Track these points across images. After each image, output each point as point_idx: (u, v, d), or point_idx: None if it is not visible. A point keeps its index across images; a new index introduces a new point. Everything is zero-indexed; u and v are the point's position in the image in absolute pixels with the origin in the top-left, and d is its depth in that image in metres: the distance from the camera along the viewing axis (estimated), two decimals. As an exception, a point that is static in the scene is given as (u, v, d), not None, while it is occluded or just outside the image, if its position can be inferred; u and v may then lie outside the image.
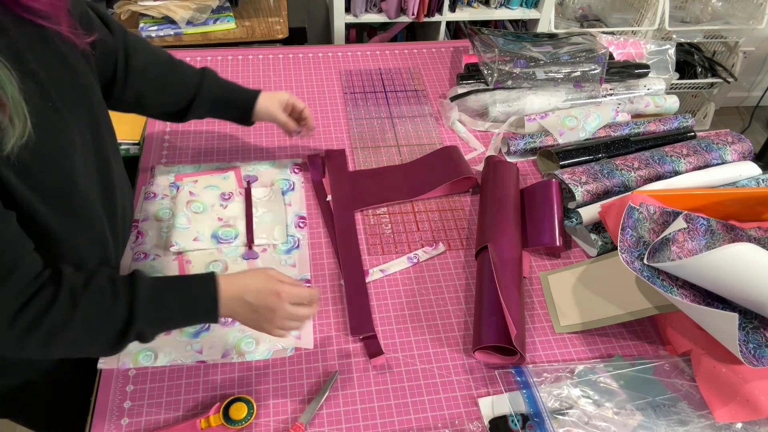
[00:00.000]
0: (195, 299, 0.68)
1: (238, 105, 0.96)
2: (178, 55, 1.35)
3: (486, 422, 0.75)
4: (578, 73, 1.20)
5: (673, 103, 1.23)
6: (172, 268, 0.89)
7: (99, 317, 0.62)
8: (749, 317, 0.75)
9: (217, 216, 0.97)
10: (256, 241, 0.94)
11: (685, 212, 0.84)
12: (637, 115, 1.22)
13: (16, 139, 0.54)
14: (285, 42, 1.76)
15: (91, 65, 0.73)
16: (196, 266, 0.90)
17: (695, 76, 2.29)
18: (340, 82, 1.32)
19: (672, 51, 1.34)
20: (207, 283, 0.68)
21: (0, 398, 0.83)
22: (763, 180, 1.00)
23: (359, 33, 2.22)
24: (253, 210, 0.99)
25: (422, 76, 1.36)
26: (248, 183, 1.04)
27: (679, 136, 1.14)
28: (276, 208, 0.99)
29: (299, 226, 0.98)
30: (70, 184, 0.65)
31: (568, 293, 0.89)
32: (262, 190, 1.03)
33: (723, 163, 1.04)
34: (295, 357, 0.81)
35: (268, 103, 0.96)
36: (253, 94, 0.96)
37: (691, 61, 2.29)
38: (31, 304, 0.58)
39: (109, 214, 0.76)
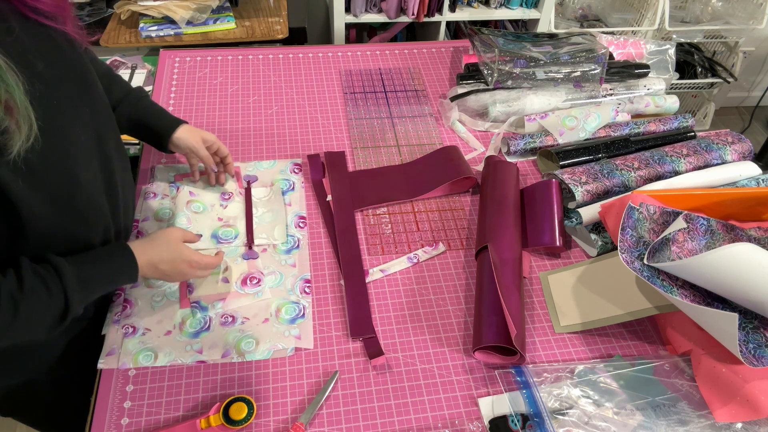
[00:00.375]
0: (118, 272, 0.72)
1: (155, 130, 0.94)
2: (178, 55, 1.36)
3: (486, 422, 0.75)
4: (578, 73, 1.20)
5: (673, 103, 1.23)
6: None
7: (39, 315, 0.63)
8: (749, 317, 0.75)
9: (217, 216, 0.97)
10: (257, 241, 0.94)
11: (685, 212, 0.84)
12: (637, 115, 1.22)
13: (23, 142, 0.54)
14: (285, 42, 1.76)
15: (90, 64, 0.73)
16: (196, 266, 0.90)
17: (695, 76, 2.29)
18: (340, 82, 1.32)
19: (672, 51, 1.34)
20: (125, 255, 0.73)
21: (2, 397, 0.83)
22: (763, 180, 1.00)
23: (359, 33, 2.23)
24: (253, 210, 0.99)
25: (422, 76, 1.36)
26: (248, 183, 1.04)
27: (679, 136, 1.14)
28: (276, 208, 0.99)
29: (299, 226, 0.98)
30: (74, 184, 0.66)
31: (568, 293, 0.89)
32: (262, 189, 1.03)
33: (723, 163, 1.04)
34: (295, 357, 0.81)
35: (189, 135, 0.95)
36: (174, 124, 0.95)
37: (691, 61, 2.29)
38: None
39: (113, 212, 0.76)
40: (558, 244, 0.93)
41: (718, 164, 1.03)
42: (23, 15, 0.60)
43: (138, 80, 1.55)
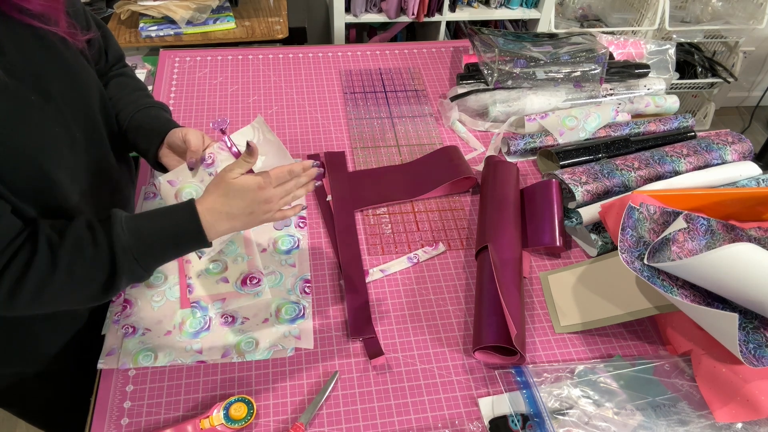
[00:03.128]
0: (177, 225, 0.67)
1: (150, 133, 0.84)
2: (178, 54, 1.36)
3: (486, 422, 0.75)
4: (578, 73, 1.20)
5: (673, 103, 1.23)
6: (171, 268, 0.89)
7: (82, 268, 0.62)
8: (749, 317, 0.75)
9: None
10: None
11: (685, 212, 0.84)
12: (637, 115, 1.22)
13: None
14: (285, 42, 1.76)
15: (90, 64, 0.73)
16: (197, 267, 0.90)
17: (695, 76, 2.29)
18: (340, 82, 1.32)
19: (672, 51, 1.34)
20: (186, 206, 0.67)
21: None
22: (763, 180, 1.00)
23: (359, 33, 2.23)
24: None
25: (422, 76, 1.36)
26: (221, 131, 0.79)
27: (679, 136, 1.14)
28: (274, 151, 0.85)
29: (299, 226, 0.98)
30: (47, 182, 0.64)
31: (568, 293, 0.89)
32: (243, 133, 0.85)
33: (723, 163, 1.04)
34: (295, 357, 0.81)
35: (187, 129, 0.83)
36: (174, 125, 0.85)
37: (691, 61, 2.29)
38: (11, 266, 0.59)
39: (101, 211, 0.74)
40: (558, 244, 0.93)
41: (718, 164, 1.03)
42: (6, 14, 0.60)
43: (138, 80, 1.55)
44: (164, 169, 0.85)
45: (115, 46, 0.89)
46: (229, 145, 0.80)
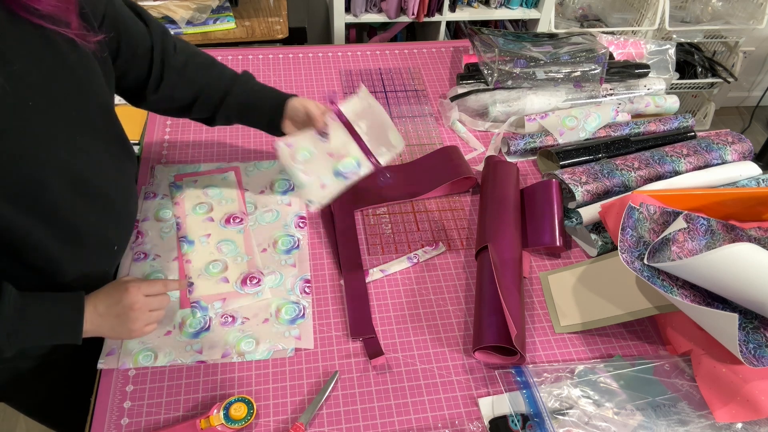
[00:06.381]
0: (58, 319, 0.68)
1: (266, 108, 0.90)
2: (178, 55, 1.36)
3: (486, 422, 0.75)
4: (578, 73, 1.20)
5: (673, 103, 1.23)
6: (172, 269, 0.89)
7: None
8: (749, 317, 0.75)
9: (326, 153, 0.89)
10: (381, 159, 0.88)
11: (685, 212, 0.84)
12: (637, 115, 1.22)
13: None
14: (285, 42, 1.76)
15: (101, 67, 0.72)
16: (196, 266, 0.90)
17: (695, 76, 2.29)
18: (340, 82, 1.32)
19: (672, 51, 1.34)
20: (74, 297, 0.69)
21: None
22: (763, 180, 1.00)
23: (359, 33, 2.23)
24: (356, 128, 0.88)
25: (422, 76, 1.36)
26: (331, 101, 0.88)
27: (679, 136, 1.14)
28: (375, 115, 0.89)
29: (299, 226, 0.98)
30: (36, 186, 0.64)
31: (568, 293, 0.89)
32: (349, 103, 0.90)
33: (723, 163, 1.04)
34: (295, 357, 0.81)
35: (304, 100, 0.89)
36: (286, 96, 0.90)
37: (691, 61, 2.29)
38: None
39: (95, 213, 0.74)
40: (558, 244, 0.93)
41: (718, 164, 1.03)
42: (13, 13, 0.59)
43: (138, 80, 1.55)
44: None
45: (157, 29, 0.86)
46: (338, 113, 0.88)
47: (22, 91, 0.60)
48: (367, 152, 0.88)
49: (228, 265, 0.90)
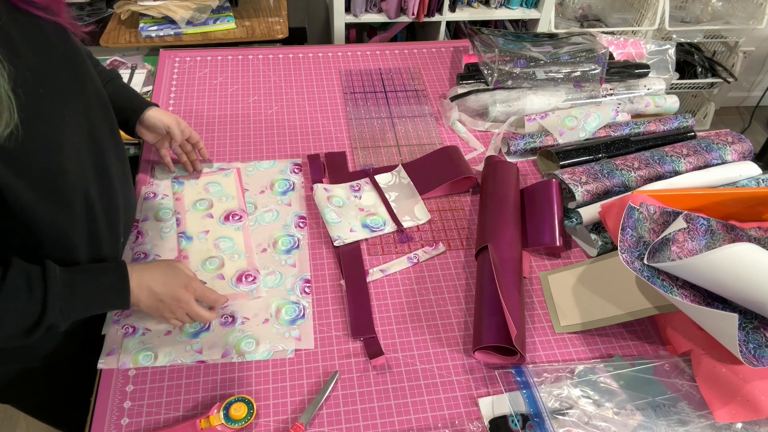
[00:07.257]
0: (106, 290, 0.71)
1: (122, 109, 0.92)
2: (178, 55, 1.36)
3: (486, 422, 0.75)
4: (578, 73, 1.20)
5: (673, 103, 1.22)
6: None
7: (11, 312, 0.63)
8: (749, 317, 0.75)
9: (357, 206, 1.01)
10: (404, 224, 0.99)
11: (685, 212, 0.84)
12: (637, 115, 1.22)
13: (2, 129, 0.55)
14: (285, 42, 1.76)
15: (85, 54, 0.74)
16: (194, 262, 0.90)
17: (695, 76, 2.29)
18: (340, 82, 1.32)
19: (672, 51, 1.34)
20: (117, 269, 0.72)
21: None
22: (763, 180, 1.00)
23: (359, 33, 2.22)
24: (387, 196, 1.03)
25: (422, 76, 1.36)
26: (370, 171, 1.07)
27: (679, 136, 1.14)
28: (405, 191, 1.04)
29: (299, 226, 0.98)
30: (58, 171, 0.65)
31: (568, 293, 0.89)
32: (384, 176, 1.06)
33: (723, 163, 1.04)
34: (295, 357, 0.81)
35: (163, 114, 0.96)
36: (145, 104, 0.95)
37: (691, 61, 2.29)
38: None
39: (105, 200, 0.76)
40: (558, 244, 0.93)
41: (718, 164, 1.03)
42: (13, 5, 0.61)
43: (138, 80, 1.55)
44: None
45: None
46: (373, 182, 1.05)
47: (36, 79, 0.62)
48: (394, 217, 1.00)
49: (224, 262, 0.90)
